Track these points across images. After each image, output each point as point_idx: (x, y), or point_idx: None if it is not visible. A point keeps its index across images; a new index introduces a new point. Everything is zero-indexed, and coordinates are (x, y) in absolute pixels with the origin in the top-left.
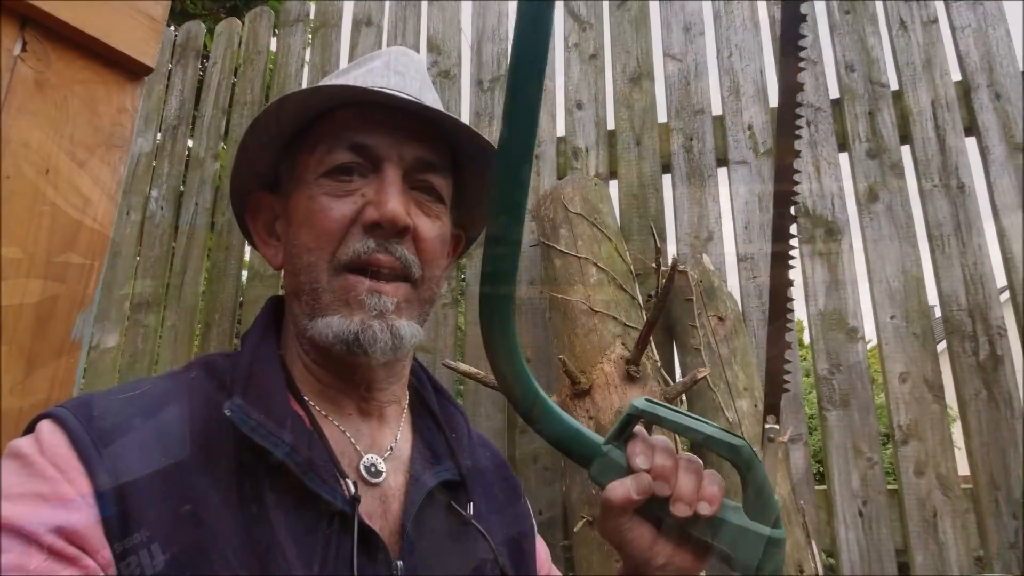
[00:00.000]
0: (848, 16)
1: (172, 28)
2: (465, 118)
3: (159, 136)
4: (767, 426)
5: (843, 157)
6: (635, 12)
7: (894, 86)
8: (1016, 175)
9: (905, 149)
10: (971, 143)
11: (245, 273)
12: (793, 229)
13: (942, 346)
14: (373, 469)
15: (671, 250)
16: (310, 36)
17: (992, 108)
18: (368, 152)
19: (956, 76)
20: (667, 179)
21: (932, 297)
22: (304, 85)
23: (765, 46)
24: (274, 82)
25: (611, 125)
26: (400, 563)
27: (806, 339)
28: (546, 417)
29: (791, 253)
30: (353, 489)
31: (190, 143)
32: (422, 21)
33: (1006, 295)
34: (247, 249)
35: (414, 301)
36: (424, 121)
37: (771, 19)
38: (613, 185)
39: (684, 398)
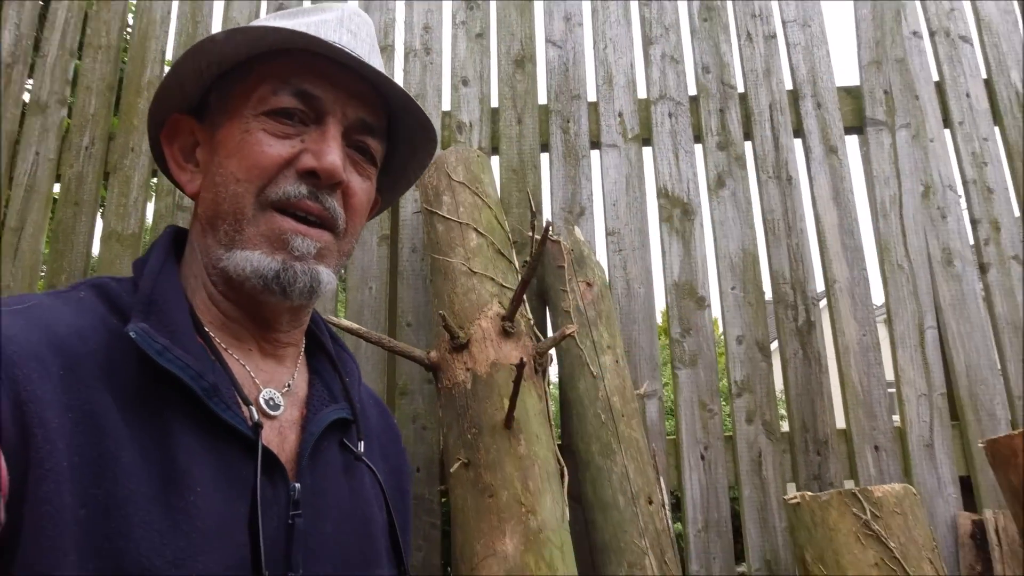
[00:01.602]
0: (705, 23)
1: None
2: None
3: None
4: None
5: (698, 148)
6: None
7: (741, 88)
8: (829, 173)
9: (748, 144)
10: (798, 143)
11: (99, 231)
12: (655, 209)
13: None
14: (272, 402)
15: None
16: None
17: (815, 115)
18: (314, 102)
19: (788, 85)
20: (545, 157)
21: (764, 271)
22: (172, 32)
23: (636, 42)
24: (136, 27)
25: (495, 103)
26: (297, 485)
27: (661, 306)
28: None
29: None
30: (256, 416)
31: (30, 84)
32: None
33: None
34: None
35: (334, 251)
36: (370, 84)
37: (642, 19)
38: (495, 161)
39: (555, 354)
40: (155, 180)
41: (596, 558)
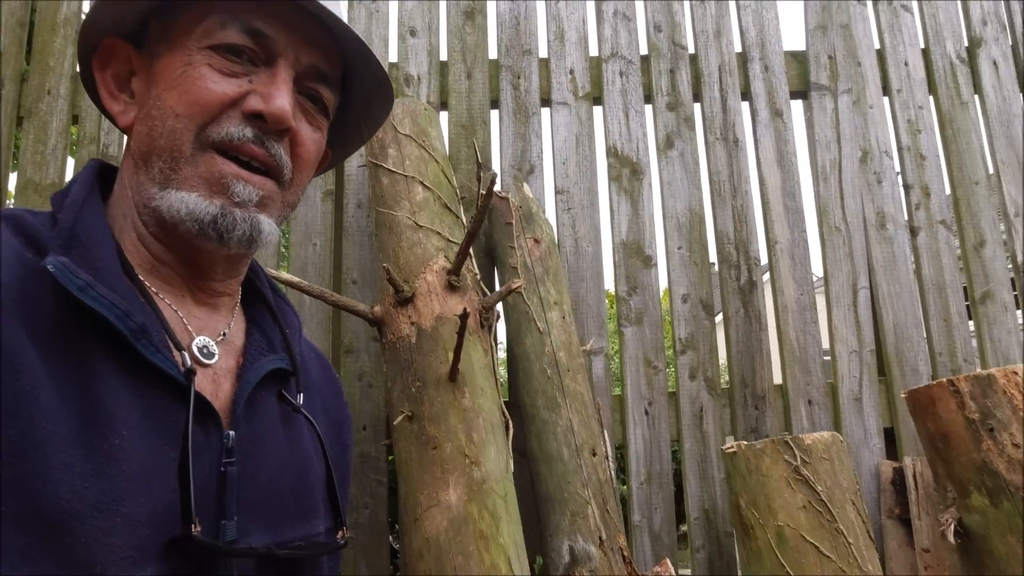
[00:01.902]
0: None
1: None
2: None
3: None
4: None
5: (648, 108)
6: None
7: (691, 49)
8: (774, 136)
9: (697, 106)
10: (745, 106)
11: (14, 182)
12: (604, 168)
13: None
14: (206, 351)
15: (497, 182)
16: None
17: (762, 78)
18: (265, 42)
19: (738, 47)
20: (495, 114)
21: (710, 232)
22: None
23: None
24: None
25: (444, 56)
26: (231, 433)
27: (610, 266)
28: None
29: None
30: (189, 362)
31: None
32: None
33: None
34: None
35: (278, 201)
36: (327, 31)
37: None
38: (444, 116)
39: (502, 310)
40: (76, 128)
41: (540, 508)
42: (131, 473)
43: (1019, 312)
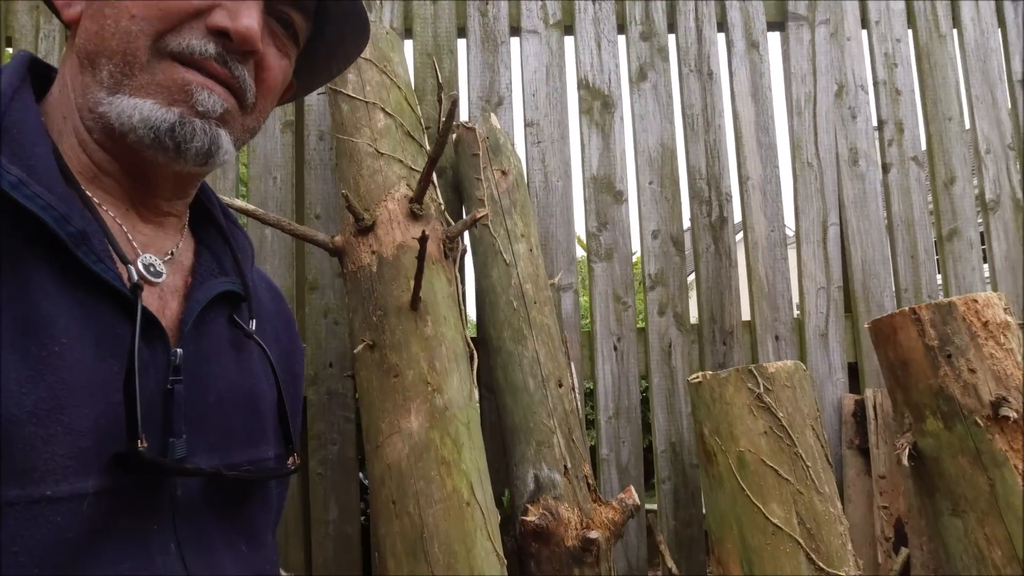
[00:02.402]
0: None
1: None
2: None
3: None
4: None
5: (621, 39)
6: None
7: None
8: (750, 68)
9: (671, 37)
10: (721, 37)
11: None
12: (575, 100)
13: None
14: (152, 269)
15: (463, 113)
16: None
17: (739, 7)
18: None
19: None
20: (462, 43)
21: (682, 167)
22: None
23: None
24: None
25: None
26: (179, 351)
27: (580, 202)
28: None
29: None
30: (135, 276)
31: None
32: None
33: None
34: None
35: (238, 123)
36: None
37: None
38: (408, 45)
39: (469, 244)
40: (10, 50)
41: (507, 440)
42: (71, 383)
43: (983, 249)
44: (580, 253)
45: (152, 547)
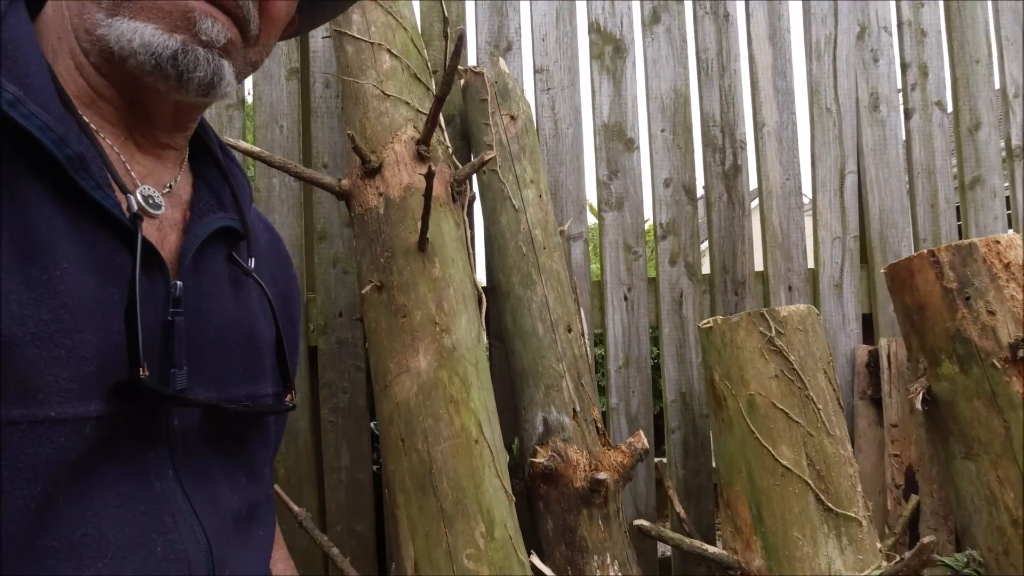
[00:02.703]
0: None
1: None
2: None
3: None
4: None
5: None
6: None
7: None
8: (767, 10)
9: None
10: None
11: None
12: (586, 45)
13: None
14: (151, 200)
15: (471, 58)
16: None
17: None
18: None
19: None
20: None
21: (695, 113)
22: None
23: None
24: None
25: None
26: (179, 283)
27: (591, 149)
28: None
29: None
30: (135, 206)
31: None
32: None
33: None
34: None
35: (241, 55)
36: None
37: None
38: None
39: (478, 191)
40: None
41: (516, 384)
42: (74, 307)
43: (1007, 197)
44: (592, 220)
45: (150, 473)
